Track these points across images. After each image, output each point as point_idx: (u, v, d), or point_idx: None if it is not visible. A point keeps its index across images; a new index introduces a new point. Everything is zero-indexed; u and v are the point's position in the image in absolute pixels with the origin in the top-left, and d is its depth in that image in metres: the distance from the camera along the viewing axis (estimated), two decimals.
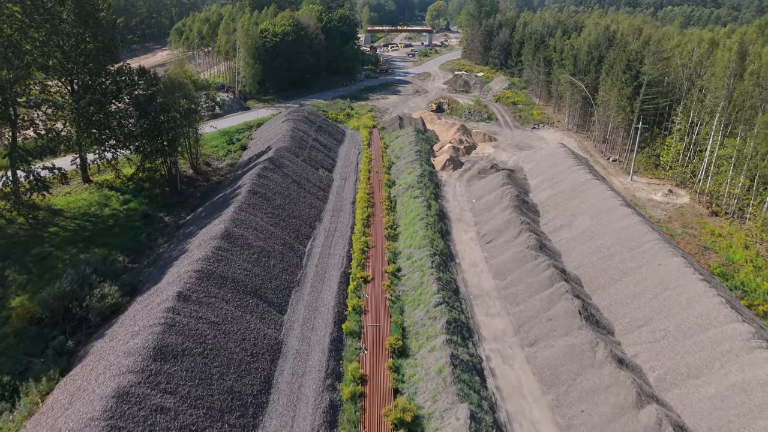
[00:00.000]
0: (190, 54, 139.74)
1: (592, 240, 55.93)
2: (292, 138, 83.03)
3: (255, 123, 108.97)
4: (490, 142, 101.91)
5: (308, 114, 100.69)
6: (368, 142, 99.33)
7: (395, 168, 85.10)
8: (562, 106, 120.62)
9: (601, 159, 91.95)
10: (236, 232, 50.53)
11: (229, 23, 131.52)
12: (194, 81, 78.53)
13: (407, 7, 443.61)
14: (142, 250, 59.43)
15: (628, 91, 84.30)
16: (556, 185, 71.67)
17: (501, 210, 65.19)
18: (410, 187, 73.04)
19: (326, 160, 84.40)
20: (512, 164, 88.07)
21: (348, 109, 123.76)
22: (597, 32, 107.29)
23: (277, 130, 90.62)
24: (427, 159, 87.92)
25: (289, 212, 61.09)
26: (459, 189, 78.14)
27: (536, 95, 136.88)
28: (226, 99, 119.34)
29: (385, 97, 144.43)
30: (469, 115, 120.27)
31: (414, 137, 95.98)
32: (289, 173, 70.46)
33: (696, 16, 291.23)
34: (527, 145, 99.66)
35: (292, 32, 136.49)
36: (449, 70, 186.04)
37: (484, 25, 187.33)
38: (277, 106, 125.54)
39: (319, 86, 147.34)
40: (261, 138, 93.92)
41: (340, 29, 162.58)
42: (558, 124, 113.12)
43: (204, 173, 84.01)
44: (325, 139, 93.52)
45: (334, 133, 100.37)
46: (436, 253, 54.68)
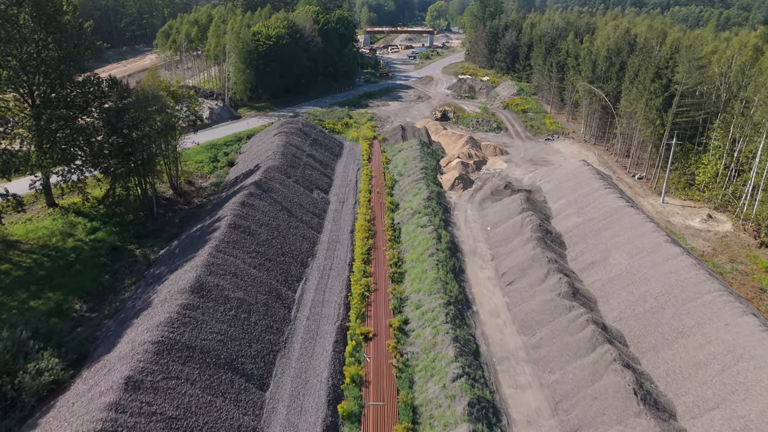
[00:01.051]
0: (178, 58, 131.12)
1: (634, 285, 47.26)
2: (283, 155, 74.30)
3: (245, 134, 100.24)
4: (502, 156, 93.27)
5: (302, 125, 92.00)
6: (368, 156, 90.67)
7: (399, 187, 76.45)
8: (577, 115, 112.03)
9: (626, 176, 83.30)
10: (210, 282, 41.81)
11: (220, 25, 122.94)
12: (172, 92, 69.85)
13: (407, 7, 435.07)
14: (104, 295, 50.72)
15: (657, 102, 75.70)
16: (582, 211, 63.00)
17: (522, 243, 56.51)
18: (416, 213, 64.37)
19: (322, 179, 75.69)
20: (528, 183, 79.42)
21: (346, 118, 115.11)
22: (616, 36, 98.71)
23: (267, 144, 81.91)
24: (434, 177, 79.23)
25: (277, 248, 52.36)
26: (471, 213, 69.48)
27: (547, 102, 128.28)
28: (215, 107, 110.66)
29: (385, 103, 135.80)
30: (476, 124, 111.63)
31: (418, 151, 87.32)
32: (278, 198, 61.74)
33: (705, 16, 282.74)
34: (542, 160, 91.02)
35: (287, 35, 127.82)
36: (453, 74, 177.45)
37: (489, 27, 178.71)
38: (270, 114, 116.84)
39: (315, 92, 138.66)
40: (250, 153, 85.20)
41: (338, 31, 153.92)
42: (574, 135, 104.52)
43: (185, 194, 75.28)
44: (321, 154, 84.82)
45: (331, 146, 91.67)
46: (451, 302, 46.03)
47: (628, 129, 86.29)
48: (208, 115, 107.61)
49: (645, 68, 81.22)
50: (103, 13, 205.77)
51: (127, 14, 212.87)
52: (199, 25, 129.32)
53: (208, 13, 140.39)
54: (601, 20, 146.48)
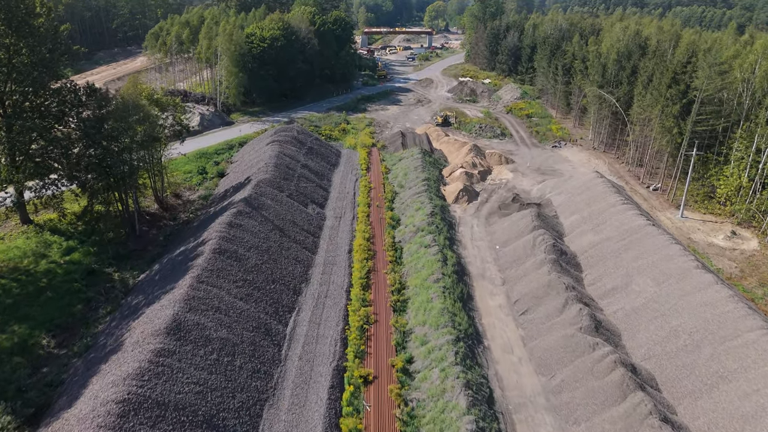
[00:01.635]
0: (168, 61, 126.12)
1: (663, 318, 42.59)
2: (276, 167, 69.47)
3: (237, 142, 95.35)
4: (507, 165, 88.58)
5: (297, 133, 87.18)
6: (367, 165, 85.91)
7: (399, 200, 71.71)
8: (584, 121, 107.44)
9: (640, 187, 78.67)
10: (189, 321, 36.99)
11: (212, 27, 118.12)
12: (156, 100, 64.98)
13: (405, 7, 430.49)
14: (75, 327, 45.86)
15: (674, 110, 71.10)
16: (599, 229, 58.31)
17: (535, 266, 51.79)
18: (419, 231, 59.62)
19: (317, 192, 70.88)
20: (537, 195, 74.73)
21: (343, 124, 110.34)
22: (626, 38, 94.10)
23: (260, 154, 77.08)
24: (437, 189, 74.50)
25: (268, 274, 47.55)
26: (477, 229, 64.75)
27: (552, 106, 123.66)
28: (206, 113, 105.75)
29: (384, 107, 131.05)
30: (479, 130, 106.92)
31: (420, 160, 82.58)
32: (270, 216, 56.91)
33: (708, 17, 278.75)
34: (550, 169, 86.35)
35: (282, 37, 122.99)
36: (453, 76, 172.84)
37: (490, 28, 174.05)
38: (264, 120, 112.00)
39: (311, 96, 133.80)
40: (242, 163, 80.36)
41: (335, 32, 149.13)
42: (582, 142, 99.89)
43: (171, 208, 70.42)
44: (316, 164, 80.00)
45: (328, 155, 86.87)
46: (460, 338, 41.31)
47: (641, 137, 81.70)
48: (198, 121, 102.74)
49: (660, 73, 76.61)
50: (94, 14, 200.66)
51: (119, 15, 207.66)
52: (190, 26, 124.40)
53: (200, 14, 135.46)
54: (607, 21, 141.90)
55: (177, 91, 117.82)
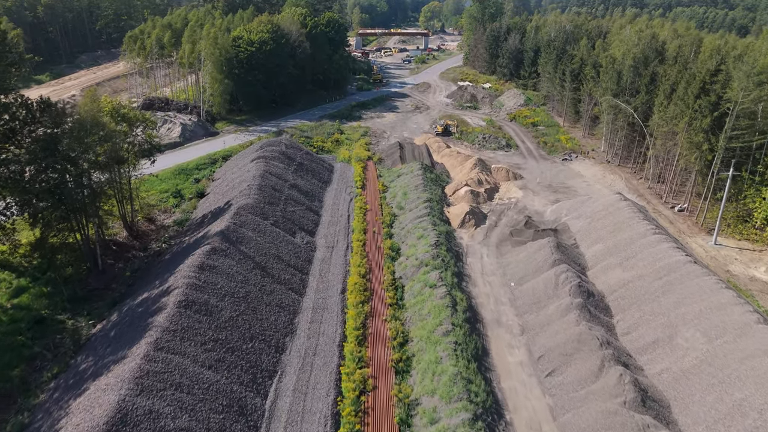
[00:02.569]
0: (149, 66, 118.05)
1: (722, 387, 35.19)
2: (260, 189, 61.73)
3: (221, 155, 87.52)
4: (516, 181, 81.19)
5: (286, 147, 79.45)
6: (362, 181, 78.29)
7: (399, 225, 64.19)
8: (595, 131, 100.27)
9: (663, 208, 71.41)
10: (139, 410, 29.28)
11: (196, 30, 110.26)
12: (123, 115, 57.16)
13: (400, 7, 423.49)
14: (11, 396, 38.10)
15: (705, 123, 63.87)
16: (628, 263, 50.92)
17: (560, 312, 44.35)
18: (423, 265, 52.07)
19: (307, 217, 63.22)
20: (551, 217, 67.37)
21: (337, 134, 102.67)
22: (642, 42, 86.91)
23: (243, 173, 69.31)
24: (440, 211, 66.97)
25: (244, 329, 39.88)
26: (488, 260, 57.25)
27: (559, 114, 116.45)
28: (188, 123, 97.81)
29: (380, 115, 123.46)
30: (483, 141, 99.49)
31: (420, 178, 75.05)
32: (250, 251, 49.21)
33: (710, 18, 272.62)
34: (563, 185, 79.00)
35: (271, 40, 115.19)
36: (451, 80, 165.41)
37: (490, 30, 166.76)
38: (251, 129, 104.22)
39: (303, 103, 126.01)
40: (224, 181, 72.57)
41: (328, 35, 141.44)
42: (594, 154, 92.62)
43: (143, 235, 62.64)
44: (307, 183, 72.33)
45: (320, 171, 79.20)
46: (478, 415, 33.78)
47: (662, 151, 74.50)
48: (179, 132, 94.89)
49: (685, 82, 69.40)
50: (76, 15, 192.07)
51: (103, 16, 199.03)
52: (173, 29, 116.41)
53: (184, 16, 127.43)
54: (614, 23, 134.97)
55: (158, 98, 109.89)
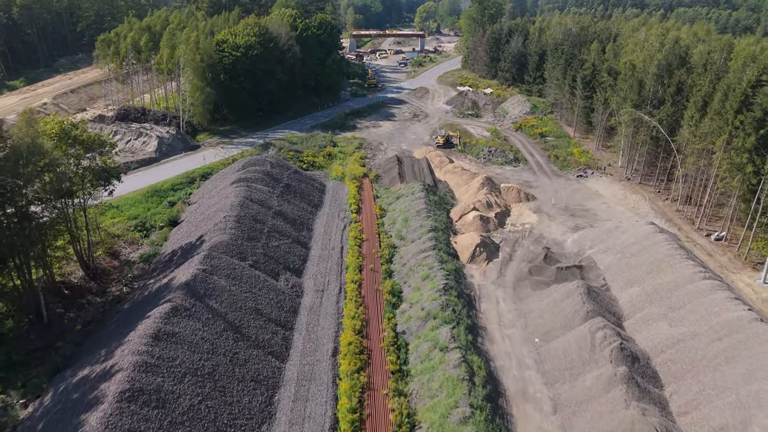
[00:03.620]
0: (125, 72, 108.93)
1: None
2: (239, 221, 53.14)
3: (200, 173, 78.79)
4: (528, 203, 72.91)
5: (271, 166, 70.87)
6: (357, 204, 69.86)
7: (400, 258, 55.82)
8: (609, 142, 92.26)
9: (697, 235, 63.29)
10: None
11: (176, 33, 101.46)
12: (75, 138, 48.45)
13: (394, 8, 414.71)
14: None
15: (749, 142, 55.78)
16: (674, 315, 42.70)
17: (601, 386, 36.03)
18: (430, 317, 43.67)
19: (294, 252, 54.68)
20: (573, 248, 59.11)
21: (329, 147, 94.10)
22: (666, 48, 78.84)
23: (221, 199, 60.63)
24: (446, 243, 58.56)
25: (207, 423, 31.30)
26: (505, 306, 48.90)
27: (568, 123, 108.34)
28: (165, 136, 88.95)
29: (376, 124, 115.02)
30: (489, 155, 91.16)
31: (422, 201, 66.66)
32: (222, 306, 40.64)
33: (713, 18, 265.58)
34: (581, 208, 70.77)
35: (258, 44, 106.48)
36: (450, 85, 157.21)
37: (490, 32, 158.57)
38: (236, 141, 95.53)
39: (293, 111, 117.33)
40: (200, 207, 63.91)
41: (320, 38, 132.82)
42: (611, 170, 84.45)
43: (103, 274, 53.96)
44: (294, 208, 63.80)
45: (310, 192, 70.67)
46: None
47: (694, 170, 66.44)
48: (156, 147, 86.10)
49: (722, 94, 61.35)
50: (55, 16, 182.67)
51: (84, 17, 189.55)
52: (151, 31, 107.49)
53: (164, 17, 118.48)
54: (625, 25, 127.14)
55: (134, 108, 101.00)
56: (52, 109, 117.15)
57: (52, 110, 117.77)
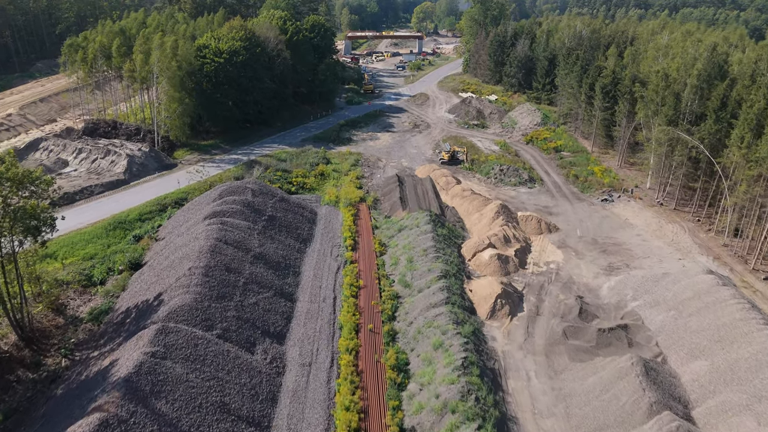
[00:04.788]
0: (95, 80, 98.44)
1: None
2: (207, 274, 43.28)
3: (173, 200, 68.84)
4: (550, 234, 63.32)
5: (253, 194, 60.99)
6: (353, 238, 60.12)
7: (405, 314, 46.10)
8: (634, 158, 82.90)
9: (753, 278, 53.78)
10: None
11: (150, 37, 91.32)
12: None
13: (390, 8, 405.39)
14: None
15: None
16: (763, 409, 33.07)
17: None
18: (447, 410, 33.94)
19: (275, 309, 44.87)
20: (611, 297, 49.47)
21: (322, 165, 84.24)
22: (703, 56, 69.40)
23: (190, 240, 50.67)
24: (461, 292, 48.84)
25: None
26: (538, 385, 39.21)
27: (584, 136, 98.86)
28: (137, 154, 78.92)
29: (373, 136, 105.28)
30: (500, 174, 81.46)
31: (429, 236, 56.94)
32: (175, 410, 30.73)
33: (721, 19, 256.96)
34: (612, 241, 61.19)
35: (244, 49, 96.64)
36: (451, 90, 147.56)
37: (494, 34, 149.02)
38: (218, 159, 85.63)
39: (283, 121, 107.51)
40: (168, 246, 53.92)
41: (312, 41, 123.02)
42: (639, 193, 74.92)
43: (43, 336, 43.98)
44: (279, 247, 53.97)
45: (298, 224, 60.85)
46: None
47: (747, 200, 56.98)
48: (125, 167, 76.07)
49: None
50: (32, 18, 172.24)
51: (63, 18, 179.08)
52: (126, 35, 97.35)
53: (142, 19, 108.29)
54: (642, 28, 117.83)
55: (104, 121, 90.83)
56: (17, 121, 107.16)
57: (17, 122, 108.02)
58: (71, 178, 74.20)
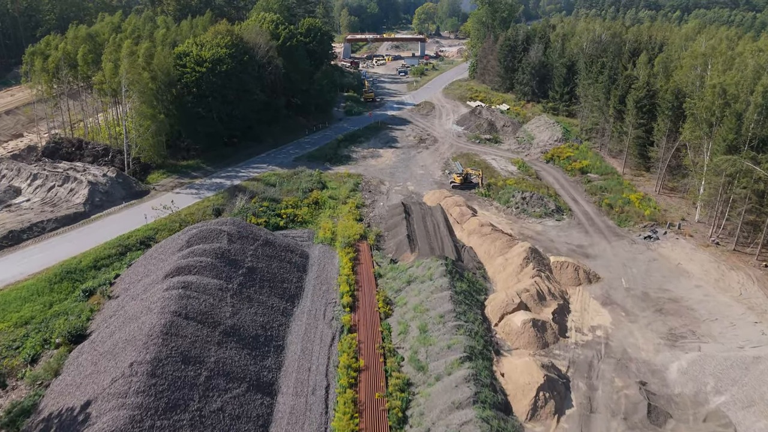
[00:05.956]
0: (60, 92, 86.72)
1: None
2: (154, 374, 32.23)
3: (138, 239, 57.86)
4: (590, 285, 52.33)
5: (230, 240, 49.97)
6: (352, 293, 49.18)
7: (419, 416, 35.19)
8: (674, 182, 72.05)
9: None
10: None
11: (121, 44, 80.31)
12: None
13: (391, 9, 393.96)
14: None
15: None
16: None
17: None
18: None
19: (247, 412, 33.87)
20: (684, 386, 38.50)
21: (316, 191, 73.19)
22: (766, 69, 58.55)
23: (142, 311, 39.62)
24: (491, 383, 37.81)
25: None
26: None
27: (612, 154, 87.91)
28: (101, 180, 67.94)
29: (375, 153, 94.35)
30: (522, 203, 70.42)
31: (447, 294, 46.00)
32: None
33: (736, 21, 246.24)
34: (668, 297, 50.16)
35: (230, 57, 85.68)
36: (458, 99, 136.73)
37: (505, 38, 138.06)
38: (198, 184, 74.71)
39: (274, 137, 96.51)
40: (119, 313, 42.89)
41: (308, 47, 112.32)
42: (688, 228, 63.94)
43: None
44: (258, 313, 42.98)
45: (284, 275, 49.84)
46: None
47: None
48: (86, 196, 65.12)
49: None
50: (10, 21, 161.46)
51: (44, 21, 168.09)
52: (96, 41, 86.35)
53: (117, 23, 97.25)
54: (674, 32, 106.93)
55: (68, 140, 79.77)
56: None
57: None
58: (21, 211, 63.25)
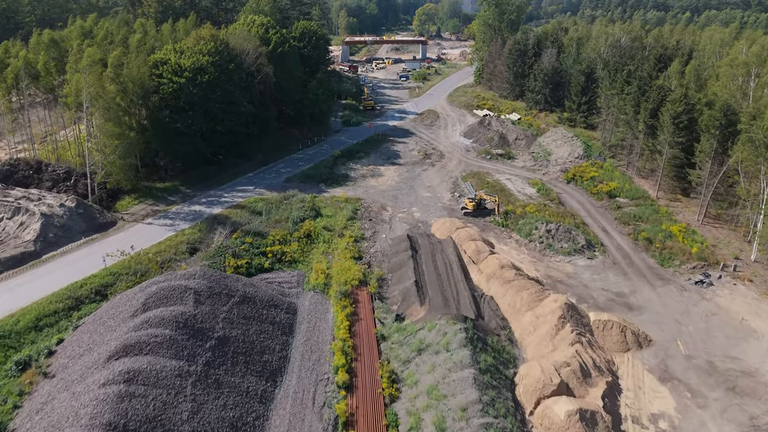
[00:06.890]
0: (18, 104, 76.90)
1: None
2: None
3: (94, 288, 48.13)
4: (640, 351, 42.81)
5: (197, 300, 40.34)
6: (349, 365, 39.65)
7: None
8: (719, 210, 62.64)
9: None
10: None
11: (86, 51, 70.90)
12: None
13: (390, 10, 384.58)
14: None
15: None
16: None
17: None
18: None
19: None
20: None
21: (309, 221, 63.46)
22: None
23: (69, 417, 30.02)
24: None
25: None
26: None
27: (642, 174, 78.42)
28: (57, 211, 58.23)
29: (375, 170, 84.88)
30: (547, 236, 60.83)
31: (470, 373, 36.46)
32: None
33: (750, 22, 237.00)
34: (739, 369, 40.68)
35: (213, 65, 76.11)
36: (464, 107, 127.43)
37: (513, 42, 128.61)
38: (173, 212, 65.13)
39: (264, 152, 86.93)
40: (48, 407, 33.31)
41: (302, 52, 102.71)
42: (745, 271, 54.37)
43: None
44: (227, 405, 33.39)
45: (265, 343, 40.22)
46: None
47: None
48: (37, 231, 55.43)
49: None
50: None
51: (24, 23, 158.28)
52: (61, 48, 76.76)
53: (89, 28, 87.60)
54: (701, 36, 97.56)
55: (25, 162, 69.94)
56: None
57: None
58: None
